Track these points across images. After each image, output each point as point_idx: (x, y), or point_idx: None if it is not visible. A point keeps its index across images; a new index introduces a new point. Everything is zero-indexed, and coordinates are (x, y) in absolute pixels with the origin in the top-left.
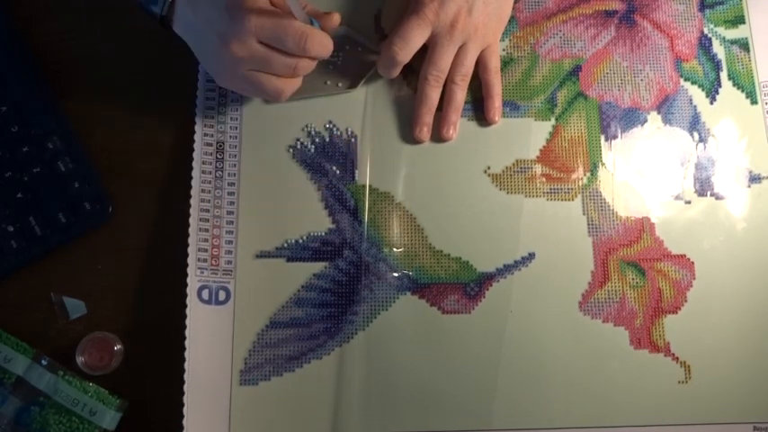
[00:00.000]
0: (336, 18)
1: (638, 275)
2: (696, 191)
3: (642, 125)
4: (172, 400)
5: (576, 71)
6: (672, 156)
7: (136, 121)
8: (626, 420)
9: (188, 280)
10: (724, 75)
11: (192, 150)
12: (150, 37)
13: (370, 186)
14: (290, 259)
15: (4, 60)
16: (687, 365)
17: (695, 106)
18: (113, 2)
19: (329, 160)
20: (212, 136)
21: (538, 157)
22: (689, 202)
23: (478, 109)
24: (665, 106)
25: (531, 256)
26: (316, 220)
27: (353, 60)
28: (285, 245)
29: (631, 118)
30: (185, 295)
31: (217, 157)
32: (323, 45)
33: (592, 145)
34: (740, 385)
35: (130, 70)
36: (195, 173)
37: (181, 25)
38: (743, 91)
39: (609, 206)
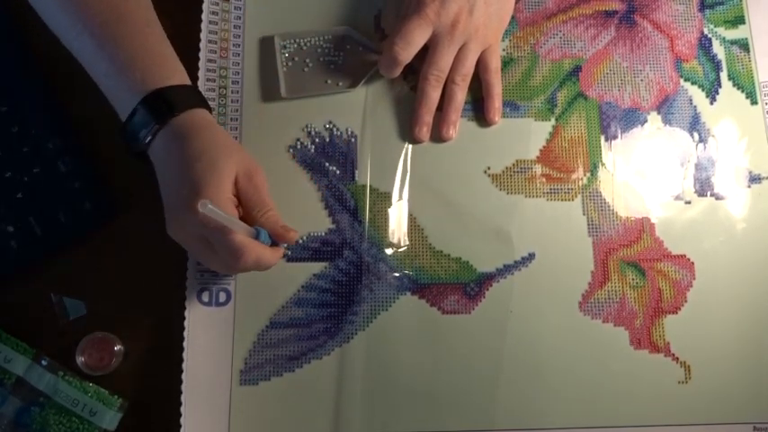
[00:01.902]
0: (293, 236)
1: (638, 275)
2: (696, 191)
3: (642, 125)
4: (172, 400)
5: (576, 71)
6: (672, 156)
7: None
8: (626, 420)
9: (187, 283)
10: (724, 75)
11: None
12: None
13: (370, 186)
14: (290, 259)
15: (3, 60)
16: (687, 365)
17: (695, 106)
18: None
19: (329, 160)
20: None
21: (538, 158)
22: (689, 203)
23: (478, 109)
24: (665, 106)
25: (531, 256)
26: (316, 220)
27: (354, 60)
28: (285, 245)
29: (631, 118)
30: (185, 296)
31: None
32: (261, 261)
33: (592, 145)
34: (740, 385)
35: None
36: None
37: (154, 159)
38: (743, 91)
39: (609, 206)
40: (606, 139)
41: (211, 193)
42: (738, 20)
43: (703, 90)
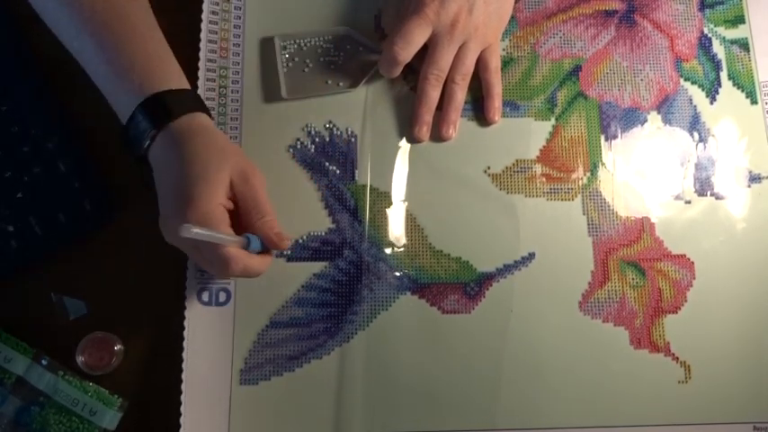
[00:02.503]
0: (286, 244)
1: (638, 275)
2: (696, 191)
3: (642, 125)
4: (172, 400)
5: (575, 71)
6: (672, 156)
7: None
8: (626, 420)
9: (187, 283)
10: (724, 75)
11: None
12: None
13: (370, 186)
14: (290, 259)
15: (4, 60)
16: (687, 365)
17: (695, 106)
18: None
19: (329, 160)
20: None
21: (538, 157)
22: (689, 202)
23: (478, 109)
24: (665, 106)
25: (531, 256)
26: (316, 220)
27: (354, 60)
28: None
29: (631, 118)
30: (185, 296)
31: None
32: (249, 270)
33: (592, 145)
34: (740, 385)
35: None
36: None
37: (152, 162)
38: (743, 91)
39: (609, 206)
40: (606, 139)
41: (203, 201)
42: (738, 19)
43: (703, 90)
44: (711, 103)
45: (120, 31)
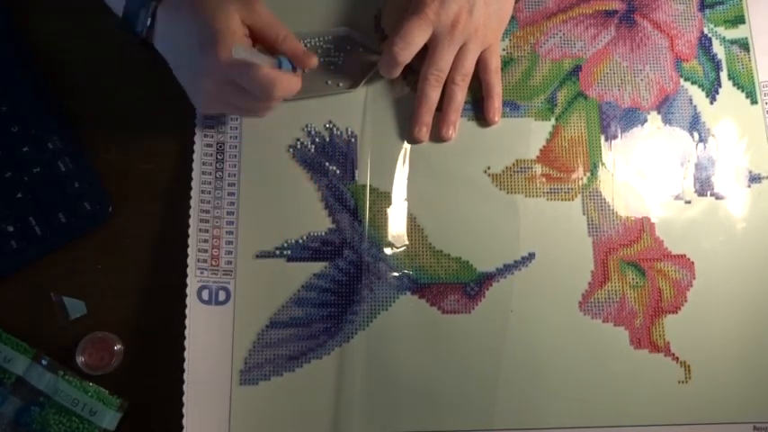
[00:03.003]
0: (314, 61)
1: (638, 275)
2: (696, 191)
3: (642, 125)
4: (172, 400)
5: (575, 71)
6: (672, 156)
7: (136, 122)
8: (626, 420)
9: (188, 280)
10: (724, 75)
11: (193, 151)
12: None
13: (370, 186)
14: (290, 259)
15: (3, 60)
16: (687, 365)
17: (695, 106)
18: None
19: (329, 160)
20: (212, 136)
21: (538, 157)
22: (689, 202)
23: (478, 109)
24: (665, 106)
25: (531, 256)
26: (316, 220)
27: (354, 60)
28: (285, 245)
29: (631, 118)
30: (185, 295)
31: (217, 158)
32: (289, 88)
33: (592, 145)
34: (740, 385)
35: (130, 70)
36: (195, 173)
37: (160, 43)
38: (743, 91)
39: (609, 206)
40: (606, 139)
41: (228, 37)
42: (738, 19)
43: (703, 90)
44: (711, 103)
45: None
